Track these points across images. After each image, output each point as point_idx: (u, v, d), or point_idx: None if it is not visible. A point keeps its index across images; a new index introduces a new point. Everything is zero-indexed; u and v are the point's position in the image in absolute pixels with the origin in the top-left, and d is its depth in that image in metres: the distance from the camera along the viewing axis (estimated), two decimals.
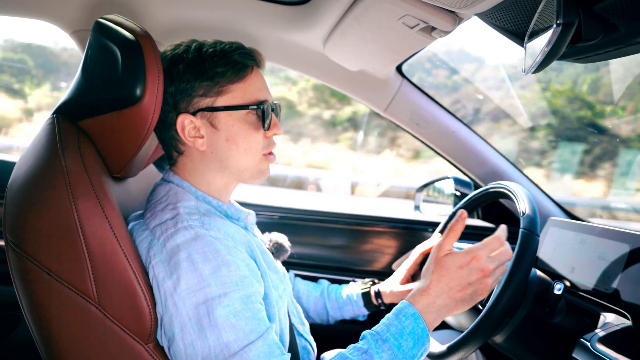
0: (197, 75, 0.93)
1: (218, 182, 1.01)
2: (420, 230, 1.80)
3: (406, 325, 0.90)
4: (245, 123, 0.96)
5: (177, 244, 0.85)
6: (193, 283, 0.82)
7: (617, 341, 0.99)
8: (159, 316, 0.84)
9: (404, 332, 0.89)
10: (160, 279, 0.84)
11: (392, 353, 0.87)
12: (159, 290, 0.84)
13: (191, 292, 0.82)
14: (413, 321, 0.90)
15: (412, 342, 0.89)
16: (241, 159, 0.97)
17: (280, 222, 1.77)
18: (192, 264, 0.83)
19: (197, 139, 0.95)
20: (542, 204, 1.72)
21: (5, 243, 0.82)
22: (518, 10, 0.86)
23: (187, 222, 0.88)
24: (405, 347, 0.88)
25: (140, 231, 0.92)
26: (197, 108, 0.94)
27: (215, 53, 0.93)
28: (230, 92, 0.94)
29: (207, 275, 0.83)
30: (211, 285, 0.82)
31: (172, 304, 0.82)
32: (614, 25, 0.71)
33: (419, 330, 0.90)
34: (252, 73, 0.97)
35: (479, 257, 0.95)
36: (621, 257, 1.11)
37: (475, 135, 1.72)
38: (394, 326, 0.90)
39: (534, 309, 1.07)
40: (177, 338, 0.81)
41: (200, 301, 0.81)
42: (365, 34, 1.23)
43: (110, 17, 0.91)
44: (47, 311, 0.79)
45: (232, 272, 0.85)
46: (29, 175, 0.84)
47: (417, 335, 0.89)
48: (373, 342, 0.88)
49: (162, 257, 0.85)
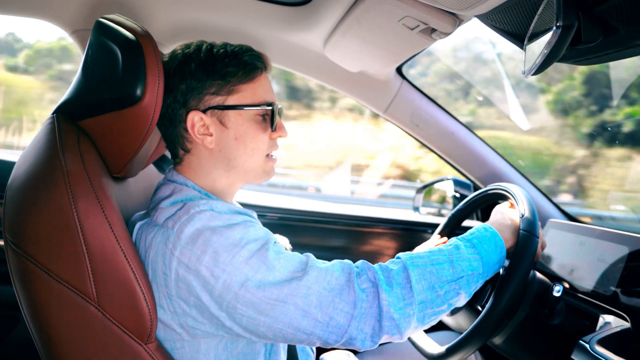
0: (209, 74, 0.94)
1: (223, 182, 1.01)
2: (420, 231, 1.80)
3: (485, 234, 1.01)
4: (254, 123, 0.97)
5: (196, 228, 0.85)
6: (231, 247, 0.84)
7: (616, 343, 0.99)
8: (210, 293, 0.84)
9: (485, 236, 1.00)
10: (194, 261, 0.83)
11: (476, 250, 0.96)
12: (198, 272, 0.83)
13: (236, 254, 0.84)
14: (491, 233, 1.01)
15: (492, 246, 0.98)
16: (248, 159, 0.98)
17: (280, 223, 1.77)
18: (221, 236, 0.85)
19: (206, 136, 0.96)
20: (542, 205, 1.72)
21: (4, 243, 0.82)
22: (518, 12, 0.86)
23: (198, 207, 0.89)
24: (487, 248, 0.98)
25: (149, 229, 0.91)
26: (207, 106, 0.95)
27: (227, 54, 0.95)
28: (241, 92, 0.96)
29: (240, 238, 0.85)
30: (250, 242, 0.86)
31: (220, 272, 0.83)
32: (613, 27, 0.71)
33: (497, 239, 1.00)
34: (261, 75, 0.99)
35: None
36: (620, 259, 1.11)
37: (475, 136, 1.73)
38: (475, 233, 1.02)
39: (533, 310, 1.07)
40: (240, 292, 0.83)
41: (247, 257, 0.84)
42: (365, 35, 1.23)
43: (111, 17, 0.91)
44: (47, 311, 0.79)
45: (257, 229, 0.89)
46: (28, 175, 0.84)
47: (495, 242, 1.00)
48: (460, 241, 0.99)
49: (183, 243, 0.85)
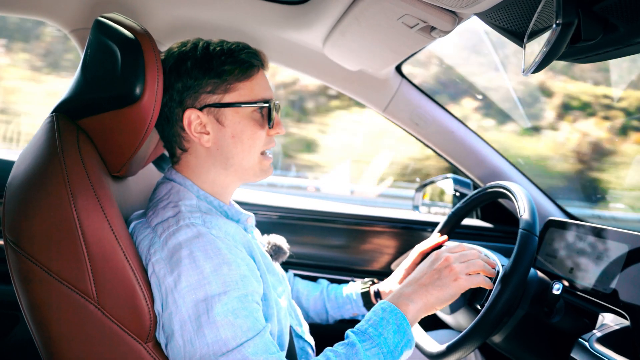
0: (205, 72, 0.93)
1: (221, 181, 1.01)
2: (419, 230, 1.80)
3: (383, 317, 0.91)
4: (251, 120, 0.97)
5: (179, 242, 0.85)
6: (194, 280, 0.82)
7: (616, 341, 0.99)
8: (158, 313, 0.84)
9: (382, 322, 0.90)
10: (161, 276, 0.84)
11: (374, 342, 0.88)
12: (160, 287, 0.84)
13: (192, 289, 0.82)
14: (389, 312, 0.92)
15: (392, 329, 0.90)
16: (245, 156, 0.98)
17: (279, 222, 1.77)
18: (193, 261, 0.83)
19: (203, 135, 0.96)
20: (541, 204, 1.72)
21: (4, 242, 0.82)
22: (517, 10, 0.86)
23: (189, 219, 0.88)
24: (387, 335, 0.89)
25: (142, 229, 0.92)
26: (204, 104, 0.95)
27: (223, 52, 0.95)
28: (238, 90, 0.95)
29: (208, 273, 0.83)
30: (212, 283, 0.82)
31: (172, 301, 0.82)
32: (613, 25, 0.71)
33: (397, 318, 0.91)
34: (258, 72, 0.98)
35: (439, 252, 1.03)
36: (620, 258, 1.11)
37: (475, 135, 1.72)
38: (372, 319, 0.92)
39: (532, 309, 1.07)
40: (176, 335, 0.82)
41: (200, 298, 0.82)
42: (364, 33, 1.23)
43: (110, 16, 0.91)
44: (46, 310, 0.79)
45: (232, 270, 0.85)
46: (28, 174, 0.84)
47: (396, 323, 0.90)
48: (355, 336, 0.89)
49: (163, 254, 0.85)
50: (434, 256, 1.02)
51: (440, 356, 1.03)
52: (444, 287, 0.95)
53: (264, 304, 0.94)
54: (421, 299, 0.94)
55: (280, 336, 0.98)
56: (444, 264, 0.98)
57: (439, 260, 1.00)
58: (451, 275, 0.96)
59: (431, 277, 0.97)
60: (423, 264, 1.03)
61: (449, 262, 0.99)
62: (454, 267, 0.97)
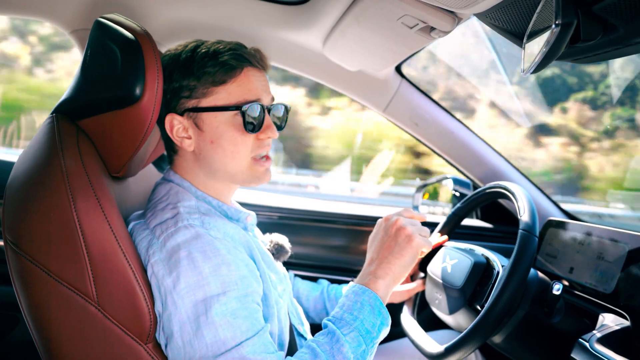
0: (184, 75, 0.93)
1: (213, 184, 1.01)
2: None
3: (356, 300, 0.92)
4: (231, 125, 0.94)
5: (177, 243, 0.85)
6: (193, 281, 0.82)
7: (616, 341, 0.99)
8: (158, 314, 0.84)
9: (356, 305, 0.91)
10: (160, 277, 0.84)
11: (351, 326, 0.88)
12: (159, 288, 0.84)
13: (190, 290, 0.82)
14: (361, 294, 0.92)
15: (367, 310, 0.90)
16: (228, 163, 0.96)
17: (279, 223, 1.76)
18: (192, 262, 0.83)
19: (185, 139, 0.96)
20: (541, 204, 1.72)
21: (4, 243, 0.82)
22: (517, 10, 0.86)
23: (188, 221, 0.88)
24: (363, 317, 0.89)
25: (140, 230, 0.92)
26: (183, 108, 0.95)
27: (207, 54, 0.93)
28: (215, 94, 0.93)
29: (207, 274, 0.83)
30: (210, 283, 0.82)
31: (171, 302, 0.82)
32: (612, 25, 0.71)
33: (370, 298, 0.92)
34: (240, 74, 0.94)
35: (389, 216, 1.05)
36: (620, 258, 1.11)
37: (474, 135, 1.72)
38: (346, 304, 0.92)
39: (532, 309, 1.07)
40: (175, 336, 0.81)
41: (199, 299, 0.82)
42: (364, 34, 1.23)
43: (110, 17, 0.91)
44: (47, 311, 0.79)
45: (231, 271, 0.85)
46: (28, 174, 0.84)
47: (369, 303, 0.91)
48: (334, 324, 0.89)
49: (161, 255, 0.85)
50: (383, 222, 1.04)
51: (440, 357, 1.03)
52: (402, 251, 0.96)
53: (265, 304, 0.94)
54: (387, 273, 0.95)
55: (281, 335, 0.98)
56: (396, 225, 1.00)
57: (390, 222, 1.02)
58: (406, 237, 0.98)
59: (389, 248, 0.98)
60: (376, 233, 1.04)
61: (400, 223, 1.00)
62: (407, 228, 0.99)
